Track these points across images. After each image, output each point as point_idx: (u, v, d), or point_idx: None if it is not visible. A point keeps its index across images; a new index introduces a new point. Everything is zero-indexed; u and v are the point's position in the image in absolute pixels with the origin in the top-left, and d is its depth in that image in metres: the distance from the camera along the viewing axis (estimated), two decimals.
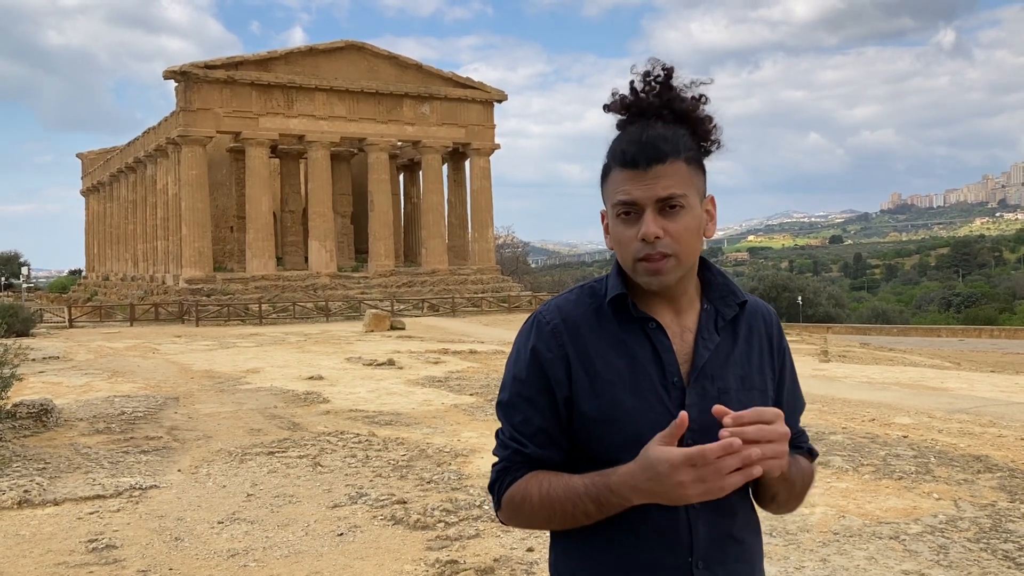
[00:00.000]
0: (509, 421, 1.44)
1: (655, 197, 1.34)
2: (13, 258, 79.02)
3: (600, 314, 1.42)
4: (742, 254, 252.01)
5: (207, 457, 7.73)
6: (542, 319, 1.44)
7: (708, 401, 1.37)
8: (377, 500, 6.04)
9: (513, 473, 1.42)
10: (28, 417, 9.08)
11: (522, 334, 1.46)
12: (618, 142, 1.40)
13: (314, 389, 12.63)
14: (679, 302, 1.44)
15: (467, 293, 44.36)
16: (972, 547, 4.80)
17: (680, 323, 1.43)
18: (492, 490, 1.46)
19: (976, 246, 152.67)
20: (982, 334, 36.87)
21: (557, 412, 1.40)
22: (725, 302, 1.46)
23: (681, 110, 1.39)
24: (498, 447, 1.46)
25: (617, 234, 1.39)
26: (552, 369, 1.39)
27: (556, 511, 1.35)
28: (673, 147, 1.35)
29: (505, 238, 66.31)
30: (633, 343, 1.40)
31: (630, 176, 1.35)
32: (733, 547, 1.41)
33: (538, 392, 1.41)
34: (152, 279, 47.35)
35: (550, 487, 1.36)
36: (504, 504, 1.43)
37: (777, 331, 1.53)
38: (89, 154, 69.09)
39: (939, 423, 8.99)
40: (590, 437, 1.39)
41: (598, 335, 1.40)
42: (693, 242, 1.38)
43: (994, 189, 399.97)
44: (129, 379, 14.27)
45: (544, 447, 1.41)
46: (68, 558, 4.89)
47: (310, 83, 42.45)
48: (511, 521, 1.44)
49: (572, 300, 1.45)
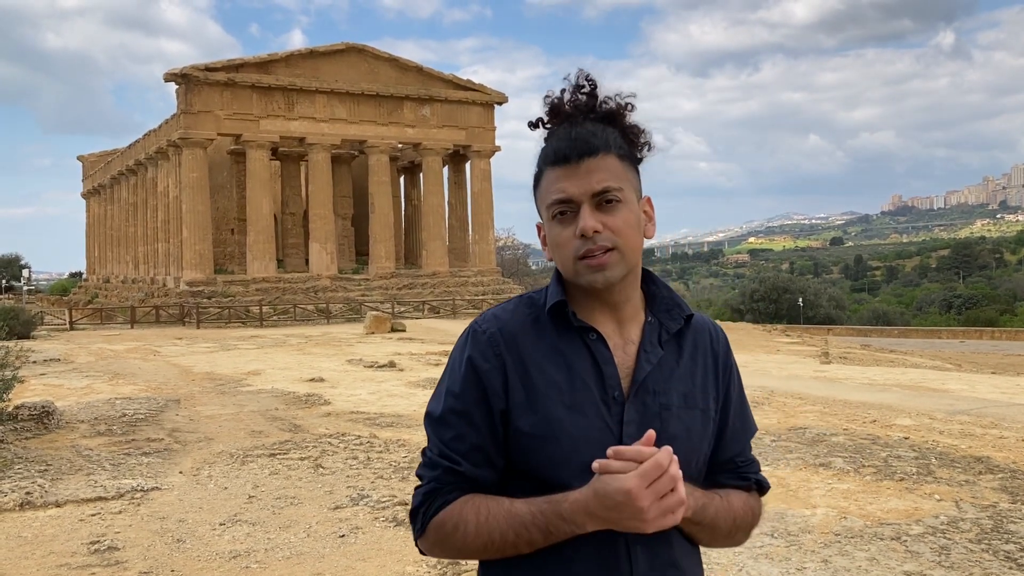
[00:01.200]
0: (440, 438, 1.33)
1: (590, 191, 1.29)
2: (14, 261, 79.10)
3: (538, 324, 1.35)
4: (743, 256, 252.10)
5: (208, 459, 7.74)
6: (478, 328, 1.36)
7: (648, 417, 1.31)
8: (379, 502, 6.04)
9: (444, 496, 1.31)
10: (29, 419, 9.09)
11: (457, 345, 1.38)
12: (547, 144, 1.36)
13: (315, 391, 12.63)
14: (622, 311, 1.37)
15: (468, 295, 44.37)
16: (974, 548, 4.80)
17: (623, 334, 1.36)
18: (415, 516, 1.33)
19: (977, 248, 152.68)
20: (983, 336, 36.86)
21: (493, 427, 1.31)
22: (670, 315, 1.39)
23: (608, 111, 1.35)
24: (424, 467, 1.35)
25: (554, 237, 1.33)
26: (489, 380, 1.31)
27: (495, 540, 1.26)
28: (603, 141, 1.32)
29: (506, 240, 66.33)
30: (572, 354, 1.33)
31: (561, 173, 1.31)
32: (672, 574, 1.34)
33: (474, 405, 1.32)
34: (153, 281, 47.37)
35: (489, 514, 1.27)
36: (431, 531, 1.31)
37: (724, 348, 1.46)
38: (90, 157, 69.16)
39: (940, 424, 8.99)
40: (526, 454, 1.30)
41: (536, 346, 1.33)
42: (634, 237, 1.32)
43: (994, 191, 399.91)
44: (130, 381, 14.27)
45: (479, 466, 1.31)
46: (70, 560, 4.90)
47: (311, 85, 42.49)
48: (435, 550, 1.33)
49: (510, 309, 1.38)
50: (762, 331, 31.05)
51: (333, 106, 43.38)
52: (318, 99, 42.94)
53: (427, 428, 1.37)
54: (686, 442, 1.34)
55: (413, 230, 51.96)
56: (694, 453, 1.36)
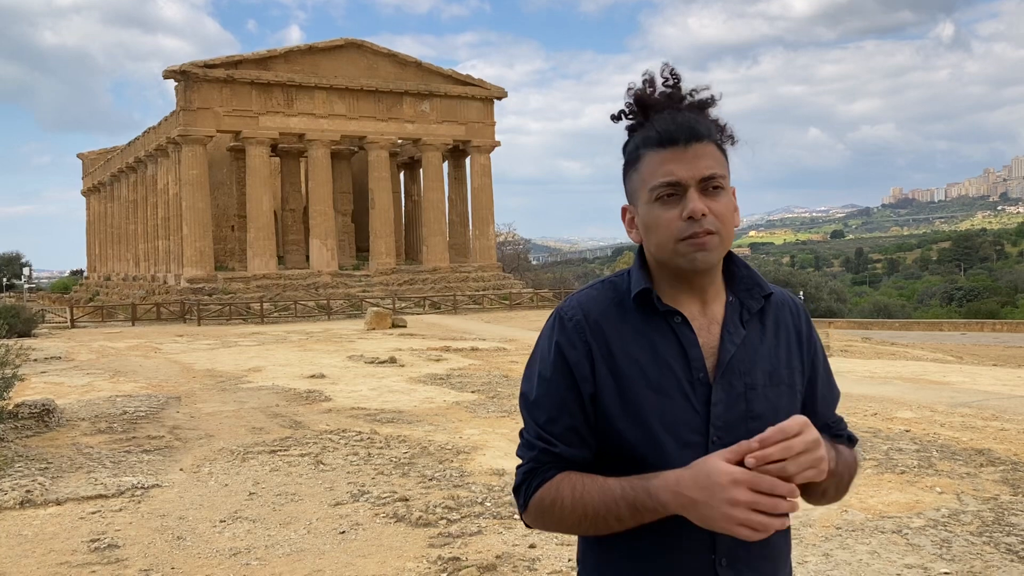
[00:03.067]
0: (535, 420, 1.39)
1: (699, 176, 1.31)
2: (15, 259, 79.13)
3: (623, 309, 1.39)
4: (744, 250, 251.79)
5: (209, 456, 7.74)
6: (564, 315, 1.40)
7: (734, 397, 1.35)
8: (379, 498, 6.04)
9: (542, 474, 1.37)
10: (30, 417, 9.09)
11: (545, 331, 1.43)
12: (647, 130, 1.37)
13: (316, 387, 12.63)
14: (706, 293, 1.40)
15: (468, 291, 44.35)
16: (975, 541, 4.80)
17: (706, 315, 1.39)
18: (518, 492, 1.40)
19: (978, 240, 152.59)
20: (984, 328, 36.82)
21: (585, 410, 1.36)
22: (751, 294, 1.42)
23: (701, 102, 1.38)
24: (523, 447, 1.41)
25: (655, 218, 1.34)
26: (577, 366, 1.36)
27: (588, 514, 1.31)
28: (707, 129, 1.34)
29: (506, 235, 66.24)
30: (657, 338, 1.36)
31: (670, 156, 1.32)
32: (758, 544, 1.32)
33: (566, 389, 1.36)
34: (154, 279, 47.37)
35: (584, 489, 1.32)
36: (532, 507, 1.38)
37: (806, 323, 1.49)
38: (90, 154, 69.12)
39: (941, 417, 8.98)
40: (615, 437, 1.35)
41: (621, 331, 1.37)
42: (732, 224, 1.36)
43: (995, 183, 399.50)
44: (131, 379, 14.27)
45: (574, 446, 1.37)
46: (70, 558, 4.90)
47: (310, 81, 42.42)
48: (538, 524, 1.39)
49: (594, 296, 1.42)
50: None
51: (332, 102, 43.31)
52: (317, 95, 42.88)
53: (522, 410, 1.42)
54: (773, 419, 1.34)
55: (413, 226, 51.93)
56: None
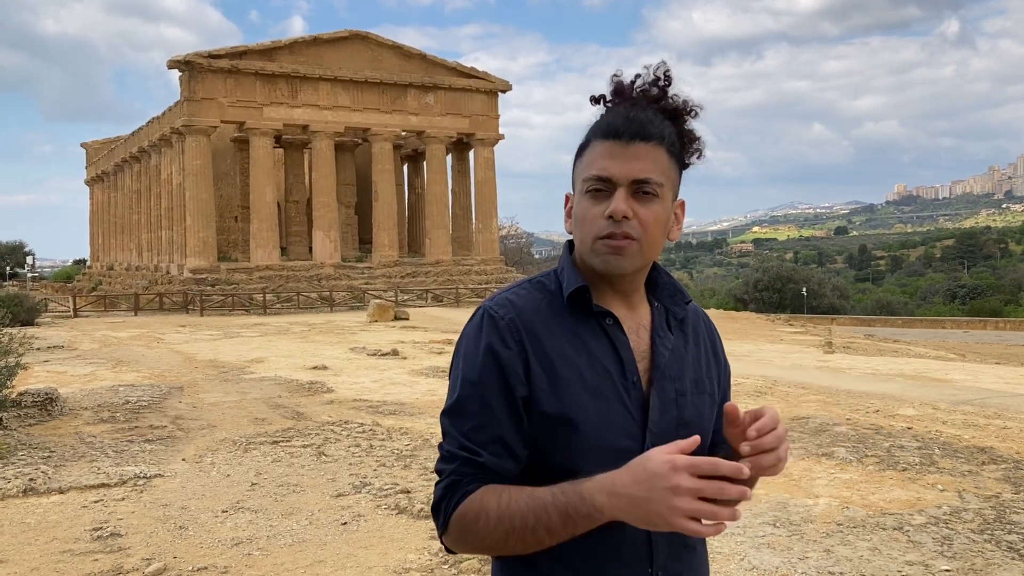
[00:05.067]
0: (458, 429, 1.28)
1: (631, 177, 1.27)
2: (18, 248, 79.25)
3: (553, 309, 1.32)
4: (747, 245, 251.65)
5: (211, 446, 7.75)
6: (495, 313, 1.30)
7: (667, 403, 1.32)
8: (381, 489, 6.05)
9: (464, 487, 1.25)
10: (33, 406, 9.11)
11: (470, 332, 1.32)
12: (602, 117, 1.33)
13: (318, 379, 12.65)
14: (631, 297, 1.36)
15: (471, 284, 44.36)
16: (976, 538, 4.80)
17: (634, 319, 1.36)
18: (437, 511, 1.27)
19: (982, 238, 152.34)
20: (987, 326, 36.78)
21: (515, 416, 1.27)
22: (674, 301, 1.40)
23: (674, 108, 1.33)
24: (442, 460, 1.29)
25: (582, 211, 1.30)
26: (510, 366, 1.27)
27: (516, 527, 1.19)
28: (659, 131, 1.29)
29: (509, 229, 66.21)
30: (590, 339, 1.31)
31: (609, 149, 1.28)
32: (687, 554, 1.35)
33: (494, 394, 1.26)
34: (156, 269, 47.43)
35: (510, 499, 1.20)
36: (453, 525, 1.24)
37: (716, 333, 1.49)
38: (93, 144, 69.13)
39: (943, 415, 8.97)
40: (548, 441, 1.27)
41: (554, 332, 1.30)
42: (658, 235, 1.30)
43: (1000, 180, 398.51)
44: (133, 368, 14.30)
45: (500, 456, 1.26)
46: (73, 546, 4.91)
47: (314, 73, 42.40)
48: (459, 544, 1.27)
49: (523, 294, 1.34)
50: (766, 321, 31.03)
51: (336, 94, 43.29)
52: (321, 87, 42.85)
53: (443, 421, 1.31)
54: (698, 426, 1.35)
55: (416, 218, 51.92)
56: (704, 436, 1.36)
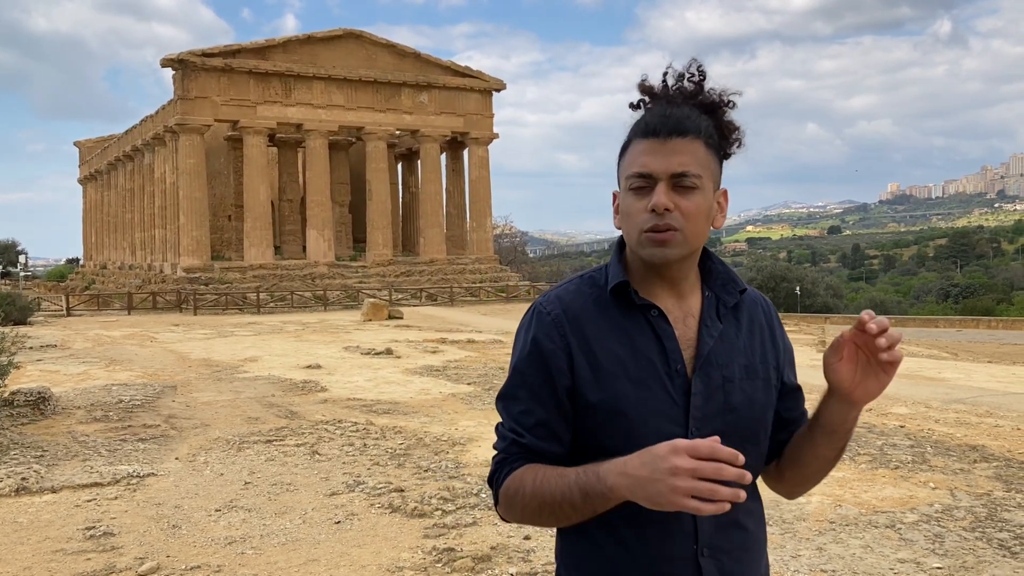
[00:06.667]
0: (509, 413, 1.41)
1: (670, 171, 1.33)
2: (10, 246, 78.90)
3: (600, 303, 1.40)
4: (740, 244, 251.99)
5: (205, 445, 7.74)
6: (542, 309, 1.41)
7: (713, 389, 1.36)
8: (374, 488, 6.05)
9: (510, 464, 1.39)
10: (26, 405, 9.08)
11: (523, 326, 1.44)
12: (641, 117, 1.40)
13: (312, 378, 12.64)
14: (680, 287, 1.42)
15: (465, 283, 44.36)
16: (968, 536, 4.82)
17: (682, 308, 1.41)
18: (490, 483, 1.44)
19: (974, 237, 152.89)
20: (980, 325, 36.88)
21: (559, 404, 1.37)
22: (726, 290, 1.44)
23: (710, 102, 1.39)
24: (497, 440, 1.44)
25: (627, 207, 1.38)
26: (553, 359, 1.37)
27: (547, 502, 1.31)
28: (695, 125, 1.35)
29: (503, 228, 66.22)
30: (635, 331, 1.38)
31: (648, 147, 1.34)
32: (738, 534, 1.39)
33: (539, 384, 1.38)
34: (150, 268, 47.29)
35: (543, 477, 1.33)
36: (501, 497, 1.40)
37: (776, 320, 1.52)
38: (86, 142, 68.88)
39: (936, 413, 9.01)
40: (594, 429, 1.36)
41: (599, 325, 1.38)
42: (701, 224, 1.36)
43: (993, 180, 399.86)
44: (127, 367, 14.26)
45: (543, 439, 1.38)
46: (65, 545, 4.90)
47: (308, 72, 42.31)
48: (508, 515, 1.41)
49: (572, 290, 1.43)
50: None
51: (330, 92, 43.21)
52: (315, 85, 42.78)
53: (498, 405, 1.44)
54: (748, 411, 1.40)
55: (411, 217, 51.86)
56: (758, 422, 1.42)
